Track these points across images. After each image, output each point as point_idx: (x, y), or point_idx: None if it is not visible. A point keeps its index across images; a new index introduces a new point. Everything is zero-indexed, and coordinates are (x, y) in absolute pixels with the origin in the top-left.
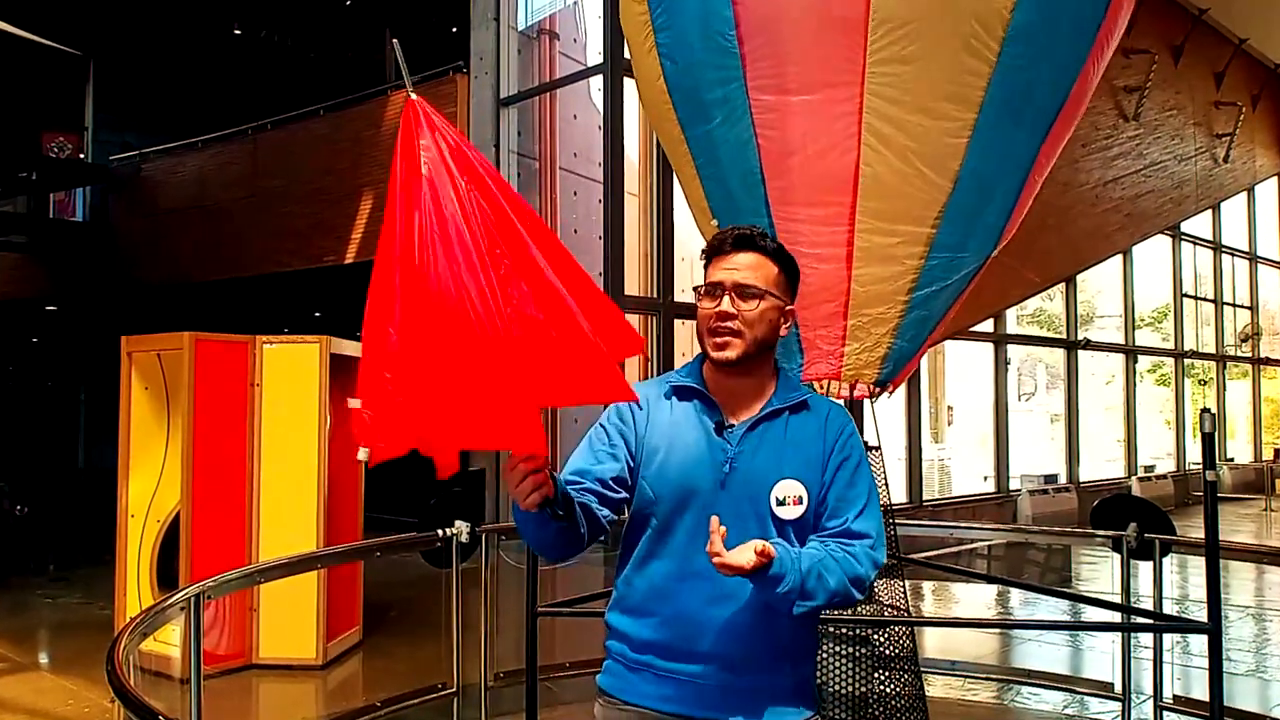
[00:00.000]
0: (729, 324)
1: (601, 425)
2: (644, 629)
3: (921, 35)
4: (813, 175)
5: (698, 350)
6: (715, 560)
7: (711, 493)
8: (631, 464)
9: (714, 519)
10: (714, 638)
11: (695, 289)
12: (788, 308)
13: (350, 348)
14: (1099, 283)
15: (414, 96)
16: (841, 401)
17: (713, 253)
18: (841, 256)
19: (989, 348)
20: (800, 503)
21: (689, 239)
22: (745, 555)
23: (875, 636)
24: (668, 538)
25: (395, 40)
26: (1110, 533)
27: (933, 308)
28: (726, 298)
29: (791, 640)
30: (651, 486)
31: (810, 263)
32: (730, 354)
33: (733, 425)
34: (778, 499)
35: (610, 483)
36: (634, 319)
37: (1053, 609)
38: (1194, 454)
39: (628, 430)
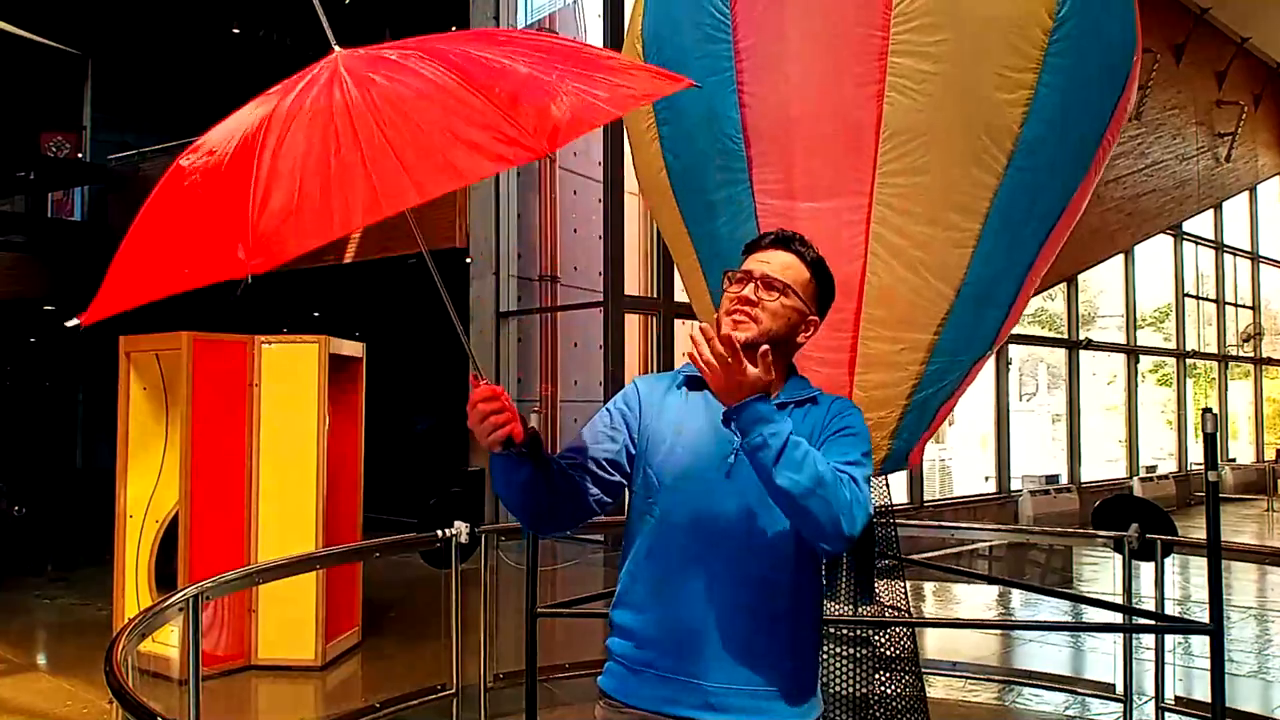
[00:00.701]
0: (747, 308)
1: (607, 408)
2: (646, 624)
3: (932, 147)
4: None
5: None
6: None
7: (717, 484)
8: (631, 449)
9: (703, 325)
10: (717, 635)
11: (725, 273)
12: (810, 316)
13: (350, 348)
14: (1100, 282)
15: (337, 49)
16: None
17: (751, 248)
18: (844, 362)
19: None
20: None
21: None
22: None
23: (876, 637)
24: (671, 528)
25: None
26: (1112, 533)
27: (929, 407)
28: (752, 285)
29: (796, 639)
30: (656, 474)
31: (813, 366)
32: (742, 335)
33: None
34: None
35: (604, 462)
36: (634, 319)
37: (1054, 610)
38: (1196, 454)
39: (631, 416)
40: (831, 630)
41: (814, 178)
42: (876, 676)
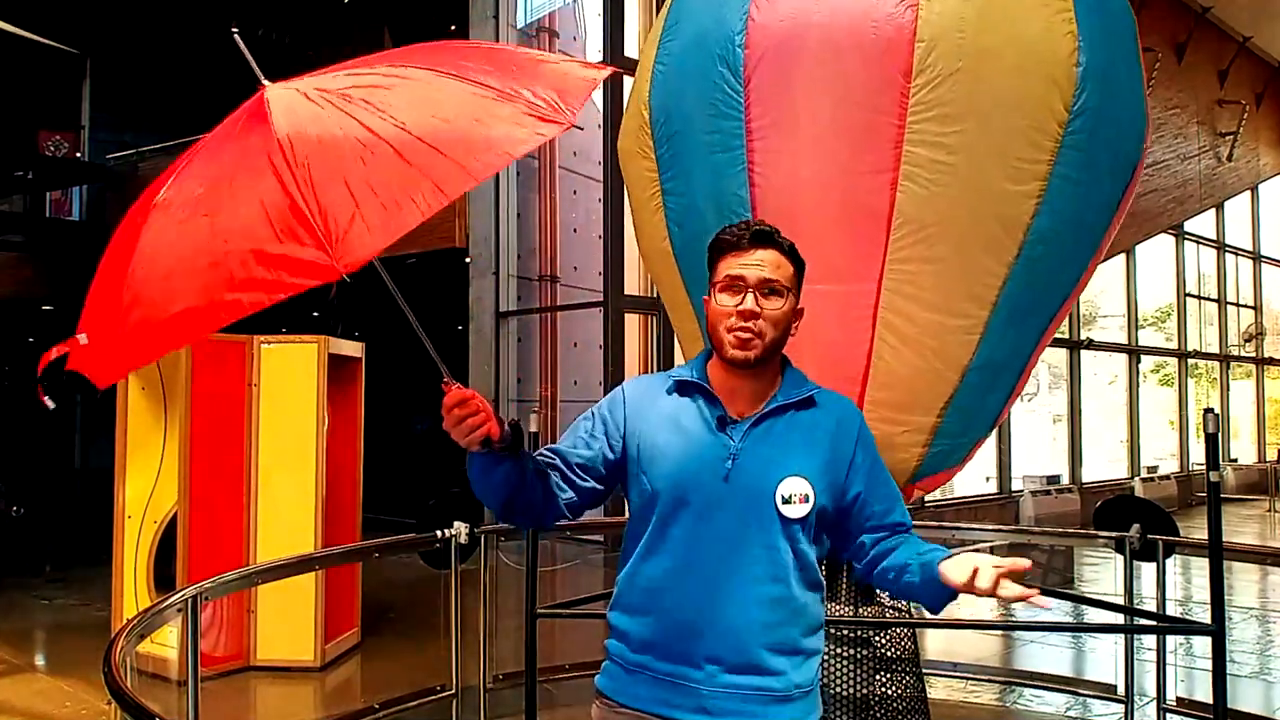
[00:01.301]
0: (752, 324)
1: (592, 412)
2: (643, 628)
3: (944, 236)
4: (823, 362)
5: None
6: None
7: (714, 488)
8: (609, 455)
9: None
10: (711, 639)
11: (712, 286)
12: (799, 307)
13: (349, 348)
14: (1102, 282)
15: (266, 84)
16: None
17: (727, 248)
18: None
19: None
20: (806, 501)
21: None
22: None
23: (876, 638)
24: (667, 534)
25: (235, 32)
26: (1113, 534)
27: (925, 484)
28: (751, 295)
29: (794, 642)
30: (651, 482)
31: None
32: (751, 354)
33: (736, 421)
34: (783, 497)
35: (576, 467)
36: (634, 319)
37: (1055, 610)
38: (1197, 454)
39: (613, 423)
40: (832, 631)
41: (823, 261)
42: (877, 677)
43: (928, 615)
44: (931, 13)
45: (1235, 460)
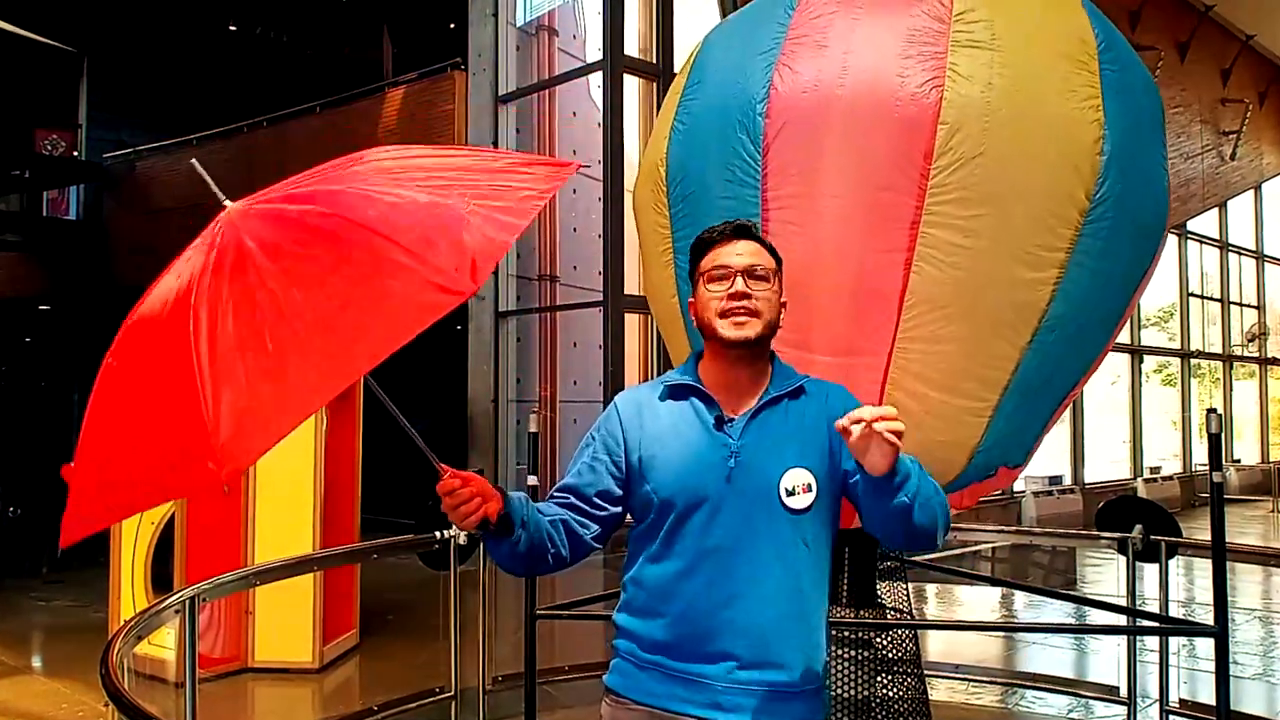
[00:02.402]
0: (745, 303)
1: (591, 434)
2: (654, 630)
3: (956, 319)
4: None
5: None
6: (857, 424)
7: (718, 489)
8: (618, 475)
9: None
10: (724, 637)
11: (698, 276)
12: (783, 299)
13: None
14: None
15: (228, 204)
16: None
17: (709, 244)
18: (847, 510)
19: None
20: (810, 490)
21: None
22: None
23: (878, 639)
24: (676, 538)
25: (195, 162)
26: (1115, 535)
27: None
28: (740, 278)
29: (804, 639)
30: (656, 492)
31: None
32: (750, 332)
33: (732, 419)
34: (787, 489)
35: (594, 499)
36: (634, 319)
37: (1057, 612)
38: (1200, 455)
39: (614, 442)
40: (833, 632)
41: (832, 334)
42: (878, 679)
43: (930, 617)
44: (956, 94)
45: (1238, 461)
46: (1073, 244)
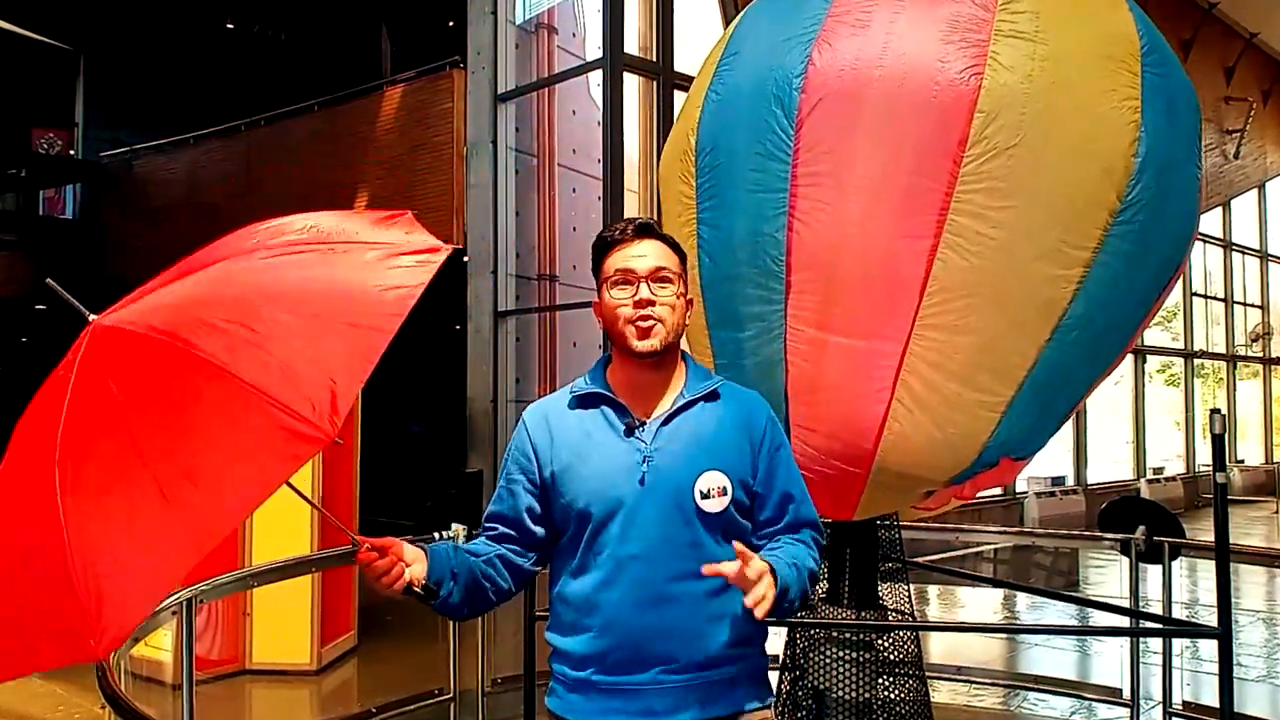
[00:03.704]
0: (650, 311)
1: (506, 460)
2: (579, 644)
3: (977, 309)
4: (838, 415)
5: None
6: (736, 580)
7: (633, 495)
8: (535, 492)
9: (737, 544)
10: (651, 643)
11: (602, 283)
12: (688, 297)
13: None
14: None
15: (92, 319)
16: None
17: (611, 243)
18: (850, 495)
19: None
20: (725, 494)
21: None
22: (755, 568)
23: (879, 641)
24: (594, 549)
25: (50, 281)
26: (1118, 536)
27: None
28: (644, 285)
29: (736, 632)
30: (572, 503)
31: (817, 478)
32: (656, 342)
33: (644, 423)
34: (701, 492)
35: (522, 522)
36: None
37: (1060, 613)
38: (1204, 456)
39: (525, 460)
40: (834, 634)
41: (852, 316)
42: (880, 681)
43: (932, 619)
44: (995, 83)
45: (1242, 461)
46: (1100, 244)
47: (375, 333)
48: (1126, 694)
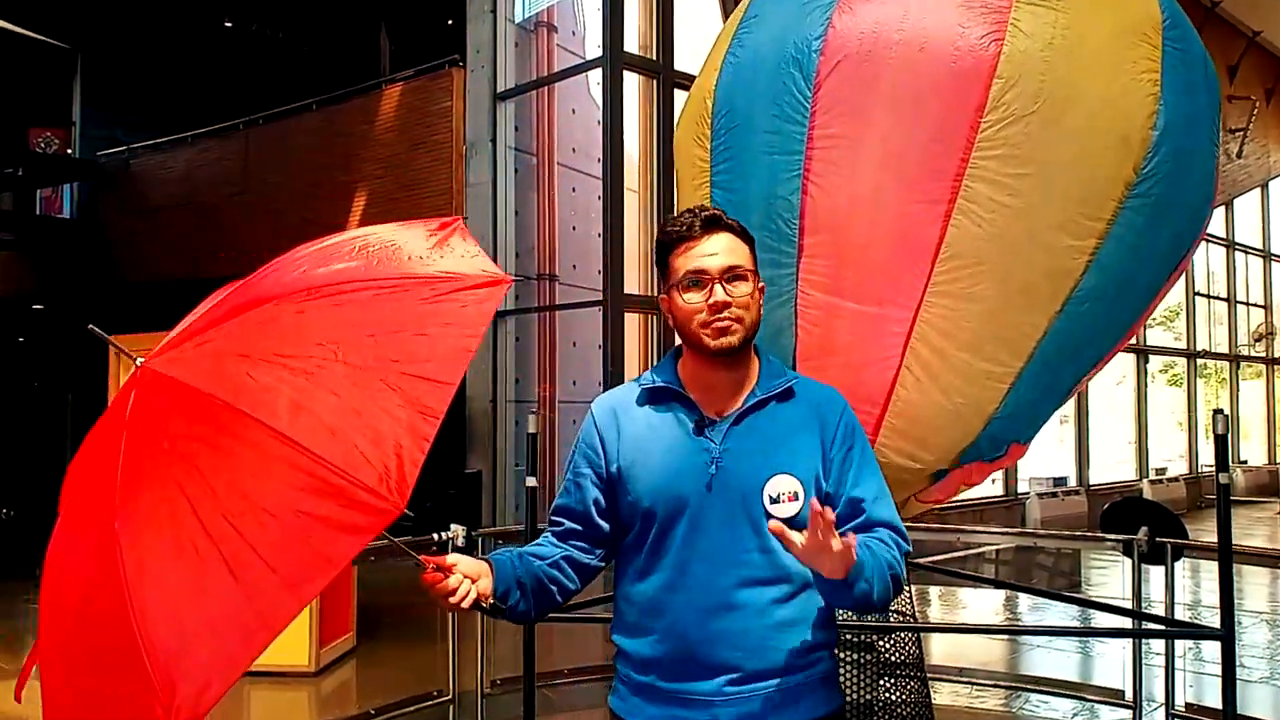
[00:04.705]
0: (727, 314)
1: (572, 456)
2: (643, 647)
3: (988, 277)
4: (846, 381)
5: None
6: (800, 553)
7: (699, 497)
8: (603, 486)
9: (814, 502)
10: (716, 650)
11: (673, 285)
12: (761, 285)
13: None
14: None
15: (139, 362)
16: None
17: (679, 239)
18: None
19: None
20: (796, 499)
21: None
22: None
23: (881, 643)
24: (659, 550)
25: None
26: (1121, 536)
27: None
28: (719, 286)
29: (803, 640)
30: (636, 499)
31: None
32: (734, 339)
33: (715, 422)
34: (771, 496)
35: (590, 516)
36: (634, 318)
37: (1062, 614)
38: (1206, 456)
39: (593, 453)
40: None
41: (864, 281)
42: (881, 682)
43: (933, 620)
44: (1015, 49)
45: (1245, 462)
46: (1115, 215)
47: (437, 388)
48: (1129, 695)
